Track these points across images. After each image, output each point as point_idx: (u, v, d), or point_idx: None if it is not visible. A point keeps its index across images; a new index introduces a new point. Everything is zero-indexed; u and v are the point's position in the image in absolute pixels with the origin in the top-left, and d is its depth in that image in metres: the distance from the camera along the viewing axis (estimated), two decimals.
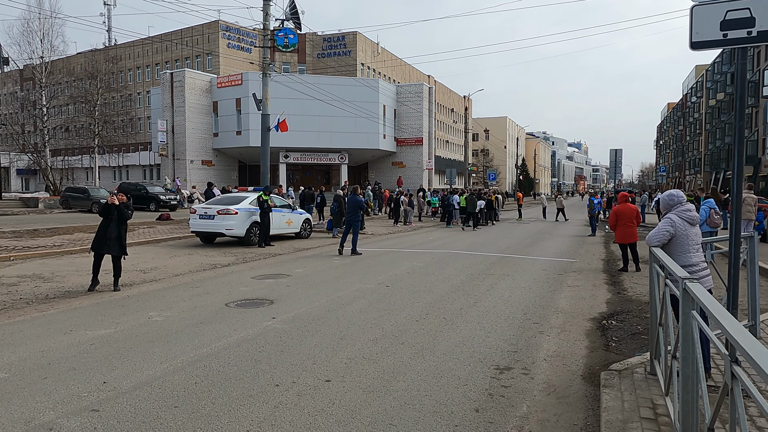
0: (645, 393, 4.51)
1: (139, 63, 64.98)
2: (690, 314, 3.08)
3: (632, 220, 12.15)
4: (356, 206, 14.80)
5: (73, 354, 5.72)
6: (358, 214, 14.83)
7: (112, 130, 51.80)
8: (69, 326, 6.87)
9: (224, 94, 47.36)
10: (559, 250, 16.51)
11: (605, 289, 9.97)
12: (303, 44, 58.79)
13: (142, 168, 61.38)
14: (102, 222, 9.18)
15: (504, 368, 5.42)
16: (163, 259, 13.15)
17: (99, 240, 9.09)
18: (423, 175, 52.87)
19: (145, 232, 18.77)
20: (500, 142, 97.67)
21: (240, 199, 16.51)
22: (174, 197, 33.81)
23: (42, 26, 39.65)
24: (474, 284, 10.14)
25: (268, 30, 23.07)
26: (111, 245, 9.07)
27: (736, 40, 4.70)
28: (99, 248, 9.10)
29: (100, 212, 9.26)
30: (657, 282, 4.79)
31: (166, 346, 5.99)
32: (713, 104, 63.21)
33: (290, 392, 4.70)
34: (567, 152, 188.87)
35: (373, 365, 5.44)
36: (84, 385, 4.82)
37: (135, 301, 8.40)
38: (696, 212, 5.18)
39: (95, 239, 9.15)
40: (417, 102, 53.76)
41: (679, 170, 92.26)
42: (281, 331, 6.67)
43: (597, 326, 7.23)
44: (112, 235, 9.08)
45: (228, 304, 8.16)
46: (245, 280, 10.40)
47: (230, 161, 50.99)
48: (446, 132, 74.69)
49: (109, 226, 9.11)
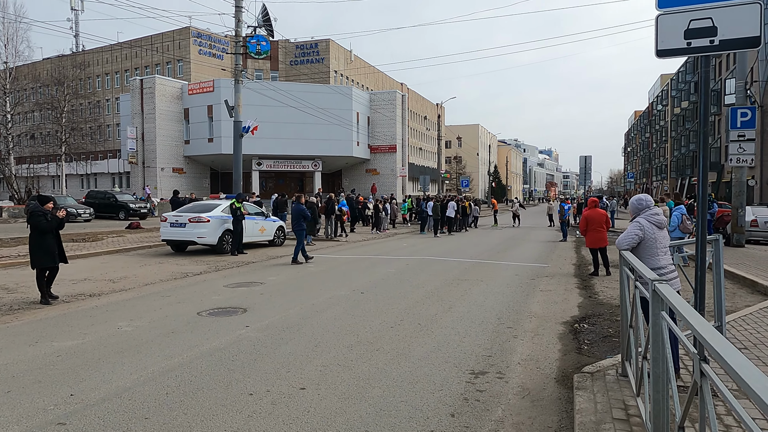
0: (617, 394, 4.57)
1: (107, 69, 63.86)
2: (659, 315, 3.13)
3: (602, 225, 12.36)
4: (298, 215, 14.41)
5: (39, 366, 5.55)
6: (301, 223, 14.38)
7: (79, 137, 50.68)
8: (34, 338, 6.67)
9: (195, 101, 46.85)
10: (531, 255, 16.70)
11: (577, 293, 10.11)
12: (276, 51, 58.58)
13: (111, 176, 60.17)
14: (47, 236, 8.86)
15: (479, 373, 5.44)
16: (133, 269, 12.89)
17: (51, 254, 8.87)
18: (397, 182, 53.06)
19: (115, 241, 18.39)
20: (473, 150, 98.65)
21: (212, 206, 16.31)
22: (144, 205, 33.23)
23: (6, 31, 38.89)
24: (448, 290, 10.18)
25: (240, 37, 22.89)
26: (59, 256, 9.02)
27: (699, 48, 4.84)
28: (54, 262, 8.93)
29: (58, 226, 8.98)
30: (627, 284, 4.88)
31: (136, 357, 5.86)
32: (678, 112, 64.97)
33: (264, 401, 4.64)
34: (538, 159, 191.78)
35: (348, 372, 5.40)
36: (50, 398, 4.67)
37: (104, 311, 8.20)
38: (663, 216, 5.30)
39: (47, 254, 8.80)
40: (390, 109, 53.99)
41: (646, 176, 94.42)
42: (255, 339, 6.58)
43: (569, 330, 7.32)
44: (58, 247, 9.03)
45: (200, 313, 8.02)
46: (218, 288, 10.25)
47: (202, 169, 50.38)
48: (419, 139, 75.15)
49: (54, 239, 8.97)
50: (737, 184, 17.11)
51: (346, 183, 53.44)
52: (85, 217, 29.40)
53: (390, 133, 53.70)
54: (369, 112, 53.78)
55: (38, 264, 8.82)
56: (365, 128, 52.77)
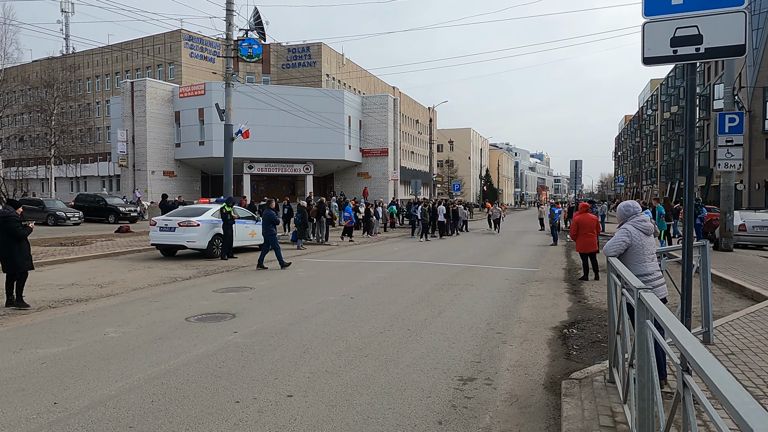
0: (604, 401, 4.58)
1: (98, 72, 63.46)
2: (644, 323, 3.14)
3: (593, 230, 12.41)
4: (268, 221, 14.12)
5: (23, 374, 5.48)
6: (271, 229, 14.07)
7: (69, 140, 50.27)
8: (19, 344, 6.59)
9: (187, 104, 46.64)
10: (521, 259, 16.74)
11: (566, 298, 10.14)
12: (267, 54, 58.42)
13: (101, 179, 59.76)
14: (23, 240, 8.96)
15: (467, 379, 5.44)
16: (122, 273, 12.79)
17: (29, 258, 9.11)
18: (388, 186, 53.03)
19: (104, 245, 18.25)
20: (464, 153, 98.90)
21: (202, 210, 16.22)
22: (134, 209, 33.02)
23: None
24: (438, 295, 10.17)
25: (231, 40, 22.85)
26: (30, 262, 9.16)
27: (685, 56, 4.88)
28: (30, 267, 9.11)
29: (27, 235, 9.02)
30: (614, 291, 4.89)
31: (122, 364, 5.80)
32: (668, 117, 65.48)
33: (251, 409, 4.60)
34: (530, 163, 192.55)
35: (337, 379, 5.38)
36: (33, 407, 4.61)
37: (90, 317, 8.12)
38: (650, 223, 5.32)
39: (21, 259, 8.91)
40: (382, 113, 53.99)
41: (636, 180, 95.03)
42: (243, 345, 6.54)
43: (558, 335, 7.33)
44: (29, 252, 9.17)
45: (188, 319, 7.97)
46: (207, 293, 10.19)
47: (193, 172, 50.13)
48: (411, 143, 75.20)
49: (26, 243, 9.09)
50: (725, 188, 17.25)
51: (338, 186, 53.35)
52: (74, 221, 29.18)
53: (382, 137, 53.70)
54: (361, 115, 53.78)
55: (18, 269, 8.87)
56: (357, 132, 52.75)
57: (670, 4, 4.95)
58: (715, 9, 4.76)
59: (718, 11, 4.74)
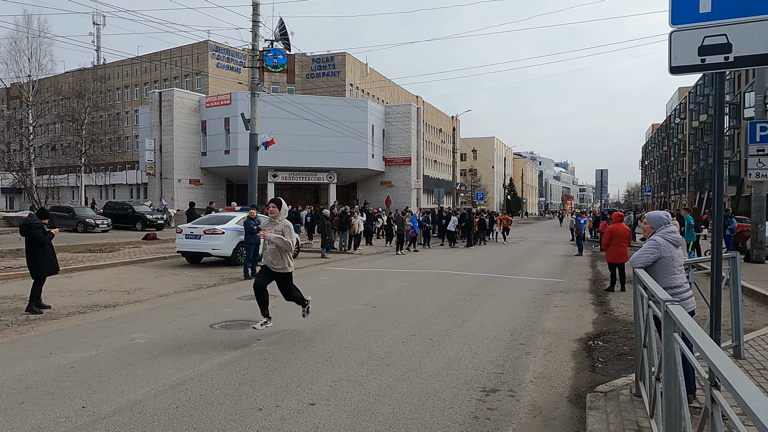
0: (630, 415, 4.49)
1: (127, 82, 64.90)
2: (672, 337, 3.08)
3: (625, 241, 12.23)
4: (248, 231, 13.82)
5: (53, 377, 5.61)
6: (250, 237, 13.74)
7: (99, 148, 51.42)
8: (49, 348, 6.75)
9: (213, 114, 47.37)
10: (546, 270, 16.56)
11: (592, 309, 9.99)
12: (292, 64, 59.09)
13: (129, 187, 60.95)
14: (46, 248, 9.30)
15: (490, 390, 5.39)
16: (148, 280, 13.01)
17: (55, 265, 9.52)
18: (411, 195, 53.04)
19: (131, 252, 18.58)
20: (488, 162, 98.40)
21: (227, 218, 16.42)
22: (161, 216, 33.58)
23: (30, 45, 39.59)
24: (461, 304, 10.12)
25: (257, 50, 23.20)
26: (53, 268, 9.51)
27: (713, 65, 4.80)
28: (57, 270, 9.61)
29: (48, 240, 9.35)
30: (641, 303, 4.81)
31: (148, 369, 5.89)
32: (696, 125, 64.30)
33: (273, 416, 4.63)
34: (554, 172, 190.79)
35: (359, 388, 5.38)
36: (62, 410, 4.71)
37: (118, 323, 8.28)
38: (679, 234, 5.22)
39: (51, 265, 9.39)
40: (405, 122, 54.11)
41: (664, 190, 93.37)
42: (265, 352, 6.59)
43: (583, 347, 7.23)
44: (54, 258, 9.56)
45: (212, 326, 8.06)
46: (231, 300, 10.30)
47: (218, 180, 50.83)
48: (434, 152, 75.17)
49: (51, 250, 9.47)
50: (756, 198, 16.85)
51: (361, 195, 53.55)
52: (102, 228, 29.83)
53: (405, 146, 53.80)
54: (384, 124, 53.97)
55: (44, 274, 9.24)
56: (380, 141, 52.94)
57: (698, 13, 4.88)
58: (744, 17, 4.68)
59: (748, 19, 4.66)
